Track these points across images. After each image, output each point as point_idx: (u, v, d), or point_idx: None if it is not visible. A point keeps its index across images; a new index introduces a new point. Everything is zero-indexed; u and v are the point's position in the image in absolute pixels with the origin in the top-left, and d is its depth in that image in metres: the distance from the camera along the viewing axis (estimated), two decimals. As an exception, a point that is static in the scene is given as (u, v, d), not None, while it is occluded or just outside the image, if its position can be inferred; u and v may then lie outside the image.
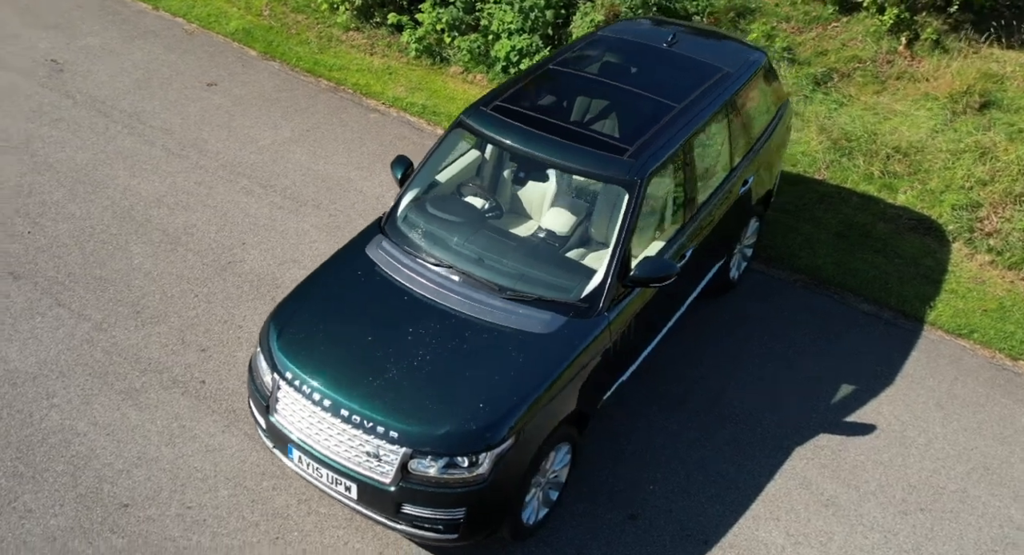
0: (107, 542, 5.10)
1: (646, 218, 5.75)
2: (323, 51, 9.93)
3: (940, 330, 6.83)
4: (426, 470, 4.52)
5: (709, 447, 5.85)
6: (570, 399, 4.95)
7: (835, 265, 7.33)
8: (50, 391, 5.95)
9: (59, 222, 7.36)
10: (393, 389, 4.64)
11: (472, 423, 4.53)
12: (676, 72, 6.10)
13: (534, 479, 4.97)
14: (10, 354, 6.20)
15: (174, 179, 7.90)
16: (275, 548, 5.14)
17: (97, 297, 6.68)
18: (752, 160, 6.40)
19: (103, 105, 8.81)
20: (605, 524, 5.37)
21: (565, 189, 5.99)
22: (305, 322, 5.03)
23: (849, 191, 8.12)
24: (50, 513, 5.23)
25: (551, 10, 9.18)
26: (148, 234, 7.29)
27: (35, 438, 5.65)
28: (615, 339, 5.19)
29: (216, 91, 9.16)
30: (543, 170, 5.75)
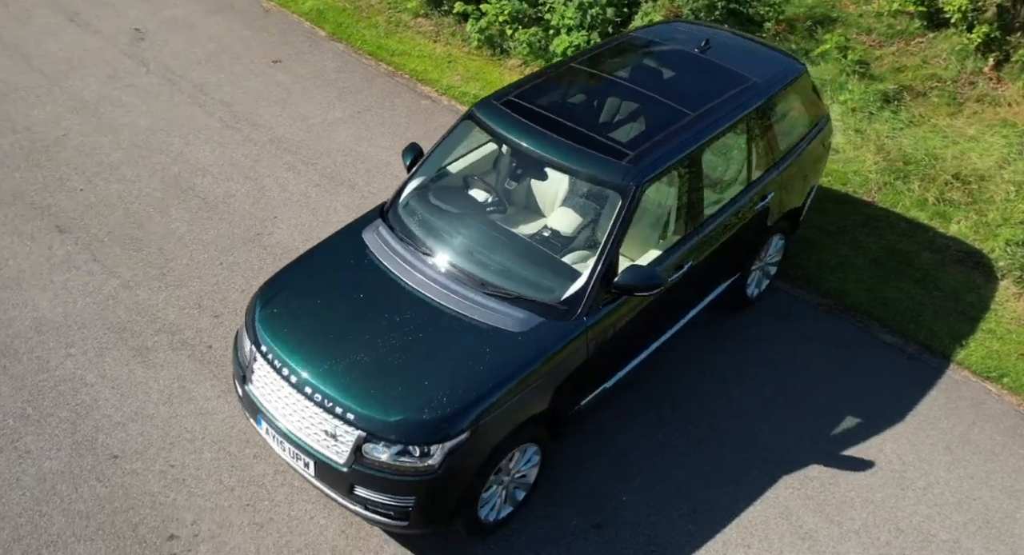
0: (91, 489, 5.36)
1: (643, 226, 5.65)
2: (389, 35, 10.09)
3: (967, 370, 6.47)
4: (378, 455, 4.58)
5: (692, 464, 5.72)
6: (538, 401, 4.92)
7: (866, 292, 7.02)
8: (69, 341, 6.28)
9: (111, 182, 7.73)
10: (357, 372, 4.72)
11: (427, 414, 4.56)
12: (700, 79, 5.95)
13: (495, 477, 4.97)
14: (41, 303, 6.56)
15: (223, 150, 8.18)
16: (244, 514, 5.30)
17: (130, 256, 7.00)
18: (776, 176, 6.19)
19: (172, 75, 9.19)
20: (569, 530, 5.32)
21: (575, 190, 5.93)
22: (288, 298, 5.15)
23: (898, 216, 7.76)
24: (46, 456, 5.53)
25: (612, 8, 9.07)
26: (188, 201, 7.58)
27: (47, 384, 5.98)
28: (595, 345, 5.12)
29: (280, 68, 9.43)
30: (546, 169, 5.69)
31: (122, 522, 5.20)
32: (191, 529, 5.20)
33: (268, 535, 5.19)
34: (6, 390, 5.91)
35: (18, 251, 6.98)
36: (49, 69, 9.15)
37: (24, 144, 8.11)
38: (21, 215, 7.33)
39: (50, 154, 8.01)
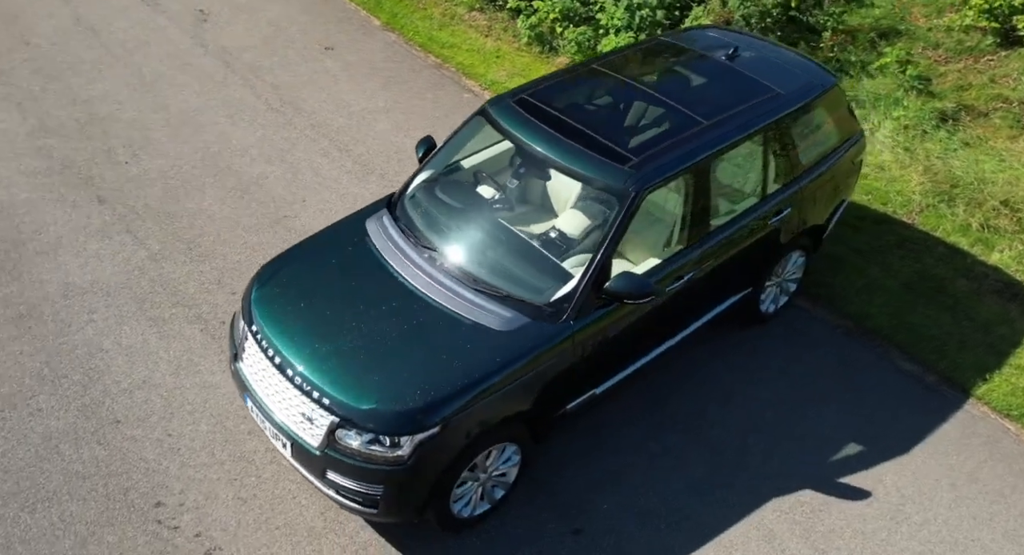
0: (91, 451, 5.58)
1: (648, 233, 5.58)
2: (442, 28, 10.16)
3: (987, 406, 6.20)
4: (350, 442, 4.64)
5: (680, 477, 5.63)
6: (518, 401, 4.91)
7: (890, 316, 6.78)
8: (92, 307, 6.53)
9: (154, 158, 8.00)
10: (338, 358, 4.78)
11: (400, 405, 4.60)
12: (720, 87, 5.84)
13: (470, 473, 4.98)
14: (72, 268, 6.84)
15: (264, 132, 8.38)
16: (230, 488, 5.44)
17: (161, 230, 7.24)
18: (795, 191, 6.03)
19: (229, 56, 9.44)
20: (547, 532, 5.30)
21: (586, 192, 5.89)
22: (283, 280, 5.26)
23: (937, 240, 7.47)
24: (54, 416, 5.77)
25: (663, 10, 8.94)
26: (224, 180, 7.79)
27: (66, 347, 6.23)
28: (583, 350, 5.09)
29: (331, 55, 9.60)
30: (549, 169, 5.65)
31: (115, 485, 5.39)
32: (178, 498, 5.36)
33: (250, 510, 5.32)
34: (28, 350, 6.18)
35: (59, 218, 7.28)
36: (115, 45, 9.51)
37: (80, 116, 8.45)
38: (67, 183, 7.64)
39: (103, 127, 8.33)
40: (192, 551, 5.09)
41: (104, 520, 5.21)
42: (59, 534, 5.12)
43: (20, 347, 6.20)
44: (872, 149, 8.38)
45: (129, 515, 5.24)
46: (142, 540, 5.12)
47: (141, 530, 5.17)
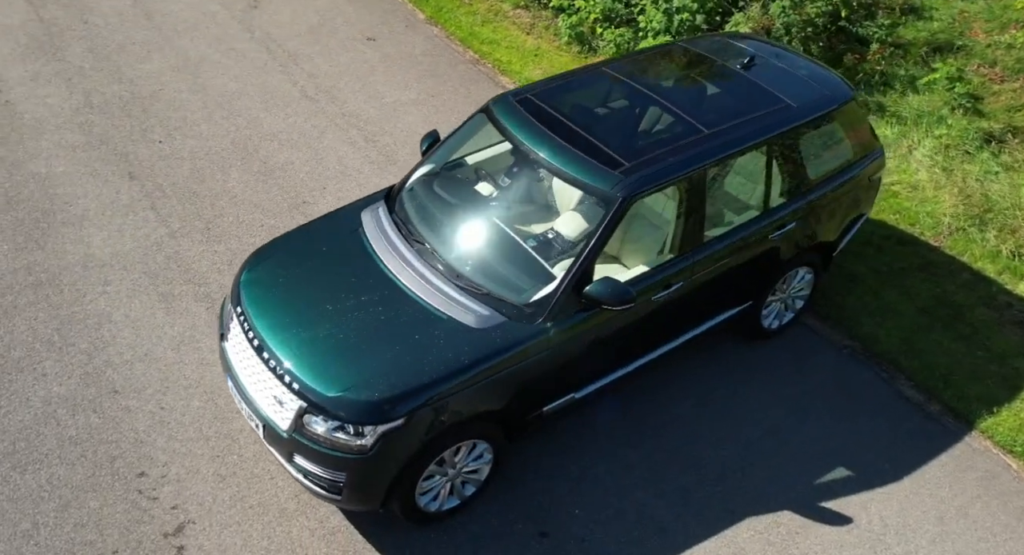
0: (86, 418, 5.78)
1: (642, 239, 5.53)
2: (485, 24, 10.20)
3: (990, 440, 5.97)
4: (316, 427, 4.72)
5: (656, 489, 5.57)
6: (489, 399, 4.92)
7: (900, 340, 6.58)
8: (108, 279, 6.76)
9: (187, 138, 8.23)
10: (313, 344, 4.86)
11: (366, 394, 4.65)
12: (729, 97, 5.74)
13: (438, 467, 5.01)
14: (95, 240, 7.09)
15: (295, 119, 8.54)
16: (212, 464, 5.58)
17: (184, 208, 7.45)
18: (802, 206, 5.89)
19: (272, 43, 9.64)
20: (513, 533, 5.31)
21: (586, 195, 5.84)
22: (274, 265, 5.36)
23: (962, 266, 7.21)
24: (56, 382, 5.99)
25: (703, 15, 8.81)
26: (250, 163, 7.97)
27: (78, 316, 6.47)
28: (560, 352, 5.07)
29: (372, 46, 9.72)
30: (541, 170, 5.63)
31: (103, 453, 5.58)
32: (161, 470, 5.52)
33: (228, 487, 5.45)
34: (42, 316, 6.43)
35: (89, 191, 7.55)
36: (166, 27, 9.79)
37: (124, 94, 8.73)
38: (102, 159, 7.92)
39: (144, 106, 8.60)
40: (166, 523, 5.24)
41: (88, 486, 5.39)
42: (44, 496, 5.32)
43: (36, 313, 6.45)
44: (907, 167, 8.14)
45: (113, 483, 5.42)
46: (121, 508, 5.29)
47: (122, 498, 5.34)
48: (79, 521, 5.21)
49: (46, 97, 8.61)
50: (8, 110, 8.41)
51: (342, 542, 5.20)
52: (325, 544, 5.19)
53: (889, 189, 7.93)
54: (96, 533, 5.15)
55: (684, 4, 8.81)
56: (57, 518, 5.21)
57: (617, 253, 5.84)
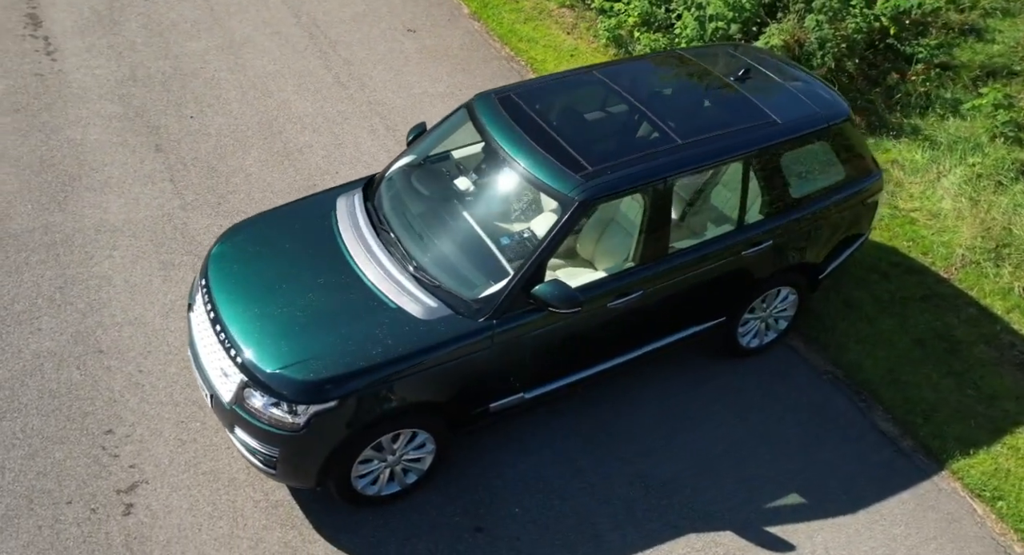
0: (68, 374, 6.08)
1: (609, 244, 5.50)
2: (527, 21, 10.23)
3: (959, 482, 5.73)
4: (254, 402, 4.86)
5: (602, 496, 5.54)
6: (429, 390, 4.98)
7: (885, 371, 6.36)
8: (116, 245, 7.08)
9: (217, 115, 8.52)
10: (261, 321, 5.01)
11: (302, 374, 4.77)
12: (713, 108, 5.65)
13: (376, 453, 5.10)
14: (112, 207, 7.43)
15: (323, 103, 8.75)
16: (175, 429, 5.80)
17: (200, 183, 7.73)
18: (781, 225, 5.75)
19: (316, 29, 9.89)
20: (448, 524, 5.36)
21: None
22: (245, 241, 5.54)
23: (969, 300, 6.92)
24: (49, 337, 6.32)
25: (737, 25, 8.66)
26: (272, 144, 8.21)
27: (81, 277, 6.79)
28: (504, 350, 5.09)
29: (411, 37, 9.87)
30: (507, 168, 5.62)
31: (77, 408, 5.86)
32: (127, 430, 5.77)
33: (185, 453, 5.66)
34: (49, 274, 6.78)
35: (116, 159, 7.91)
36: (218, 8, 10.14)
37: (167, 70, 9.09)
38: (134, 130, 8.27)
39: (183, 82, 8.94)
40: (121, 480, 5.48)
41: (58, 438, 5.68)
42: (16, 443, 5.62)
43: (44, 271, 6.81)
44: (932, 195, 7.84)
45: (80, 437, 5.69)
46: (83, 462, 5.55)
47: (86, 453, 5.61)
48: (42, 470, 5.49)
49: (95, 68, 9.03)
50: (59, 78, 8.86)
51: (281, 516, 5.35)
52: (265, 516, 5.35)
53: (907, 216, 7.66)
54: (55, 483, 5.43)
55: (719, 12, 8.67)
56: (23, 465, 5.50)
57: (591, 257, 5.82)
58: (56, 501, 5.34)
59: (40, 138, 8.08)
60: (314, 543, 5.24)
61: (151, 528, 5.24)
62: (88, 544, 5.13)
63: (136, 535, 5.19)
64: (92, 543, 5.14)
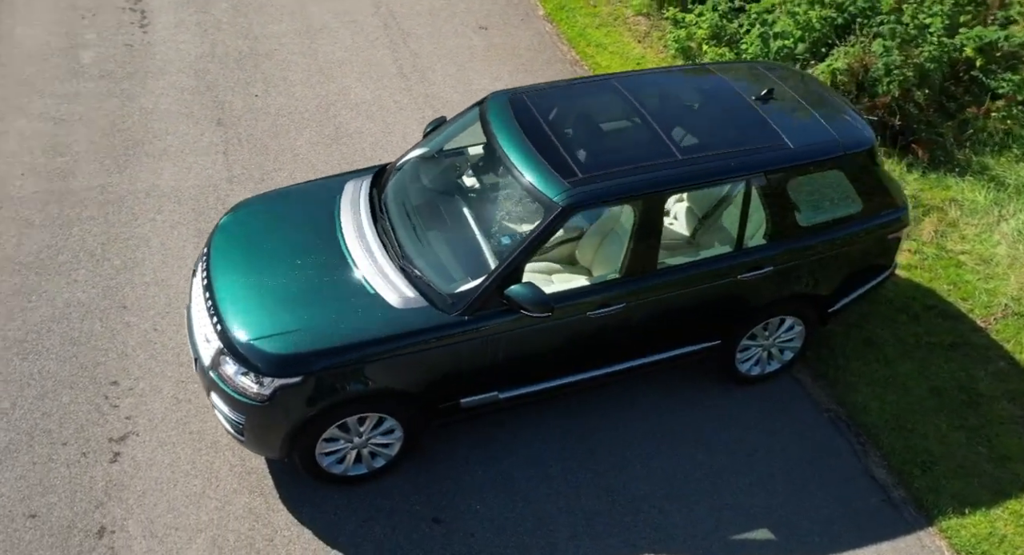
0: (91, 325, 6.46)
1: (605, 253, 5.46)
2: (600, 27, 10.20)
3: (946, 542, 5.42)
4: (227, 369, 5.06)
5: (565, 505, 5.50)
6: (396, 378, 5.07)
7: (891, 416, 6.07)
8: (161, 209, 7.46)
9: (280, 96, 8.86)
10: (247, 292, 5.20)
11: (272, 347, 4.93)
12: (725, 127, 5.52)
13: (343, 433, 5.23)
14: (165, 173, 7.83)
15: (382, 92, 8.97)
16: (175, 388, 6.08)
17: (250, 159, 8.05)
18: (784, 252, 5.57)
19: (392, 19, 10.14)
20: (408, 512, 5.44)
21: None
22: (253, 214, 5.76)
23: (1003, 354, 6.52)
24: (82, 289, 6.72)
25: (804, 44, 8.40)
26: (324, 127, 8.48)
27: (123, 235, 7.20)
28: (476, 348, 5.13)
29: (482, 34, 9.99)
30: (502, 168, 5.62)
31: (91, 358, 6.22)
32: (131, 383, 6.09)
33: (178, 411, 5.93)
34: (96, 231, 7.22)
35: (178, 130, 8.33)
36: (307, -7, 10.52)
37: (244, 49, 9.50)
38: (202, 103, 8.69)
39: (256, 61, 9.33)
40: (115, 429, 5.79)
41: (68, 383, 6.04)
42: (31, 383, 6.02)
43: (92, 227, 7.25)
44: (988, 238, 7.42)
45: (87, 385, 6.04)
46: (85, 408, 5.90)
47: (89, 400, 5.95)
48: (48, 411, 5.86)
49: (180, 43, 9.53)
50: (145, 50, 9.39)
51: (252, 482, 5.54)
52: (237, 480, 5.55)
53: (954, 258, 7.27)
54: (57, 424, 5.78)
55: (786, 30, 8.43)
56: (32, 404, 5.89)
57: (590, 264, 5.79)
58: (53, 441, 5.69)
59: (116, 104, 8.59)
60: (277, 512, 5.41)
61: (131, 478, 5.52)
62: (72, 485, 5.45)
63: (116, 482, 5.48)
64: (76, 485, 5.45)
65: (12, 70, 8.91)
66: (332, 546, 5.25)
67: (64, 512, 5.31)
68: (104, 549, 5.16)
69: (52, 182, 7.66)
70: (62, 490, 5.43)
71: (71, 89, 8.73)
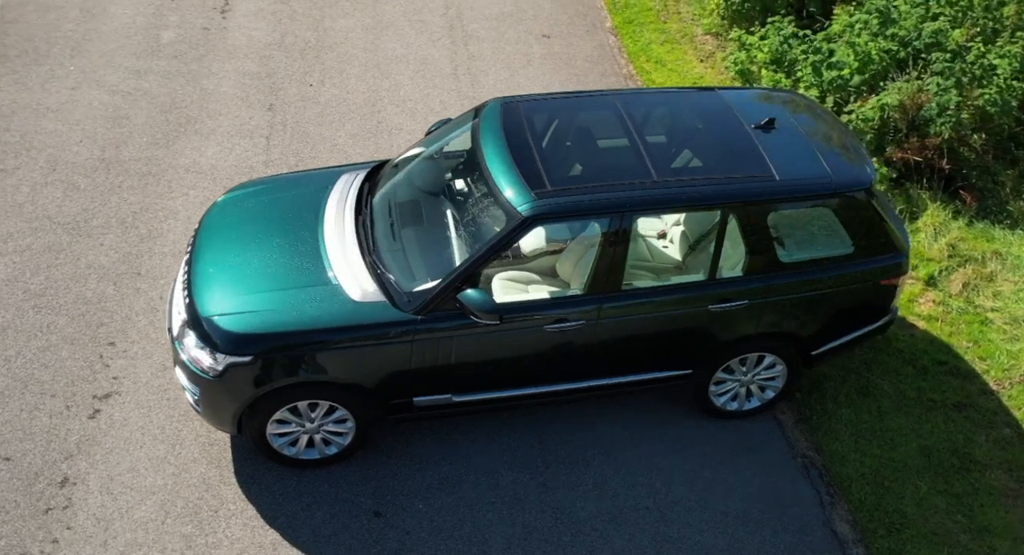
0: (104, 287, 6.81)
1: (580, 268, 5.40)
2: (665, 43, 10.06)
3: (897, 609, 5.11)
4: (188, 340, 5.26)
5: (507, 517, 5.48)
6: (346, 369, 5.16)
7: (870, 470, 5.77)
8: (195, 185, 7.81)
9: (333, 87, 9.13)
10: (221, 271, 5.39)
11: (228, 325, 5.10)
12: (713, 152, 5.38)
13: (295, 416, 5.36)
14: (208, 152, 8.19)
15: (431, 92, 9.12)
16: (164, 356, 6.34)
17: (289, 146, 8.33)
18: (761, 287, 5.37)
19: (458, 21, 10.28)
20: (352, 501, 5.52)
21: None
22: (246, 196, 5.97)
23: (1010, 421, 6.10)
24: (105, 253, 7.09)
25: (860, 76, 8.06)
26: (367, 121, 8.69)
27: (155, 207, 7.57)
28: (429, 348, 5.16)
29: (542, 42, 10.02)
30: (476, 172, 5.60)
31: (97, 319, 6.57)
32: (127, 346, 6.40)
33: (162, 378, 6.19)
34: (132, 200, 7.62)
35: (231, 112, 8.70)
36: (383, -10, 10.80)
37: (311, 40, 9.84)
38: (258, 88, 9.05)
39: (318, 53, 9.64)
40: (101, 387, 6.11)
41: (70, 339, 6.41)
42: (38, 335, 6.41)
43: (129, 196, 7.66)
44: (1024, 297, 6.95)
45: (87, 343, 6.39)
46: (80, 364, 6.24)
47: (85, 357, 6.29)
48: (46, 362, 6.23)
49: (253, 30, 9.94)
50: (220, 34, 9.84)
51: (212, 454, 5.74)
52: (198, 450, 5.77)
53: (982, 315, 6.84)
54: (51, 375, 6.14)
55: (843, 60, 8.11)
56: (34, 355, 6.27)
57: (568, 278, 5.74)
58: (44, 392, 6.04)
59: (180, 83, 9.03)
60: (228, 485, 5.59)
61: (104, 434, 5.81)
62: (49, 435, 5.78)
63: (89, 438, 5.78)
64: (52, 435, 5.78)
65: (97, 44, 9.49)
66: (271, 525, 5.39)
67: (35, 459, 5.64)
68: (62, 498, 5.45)
69: (105, 151, 8.12)
70: (39, 438, 5.76)
71: (144, 65, 9.23)
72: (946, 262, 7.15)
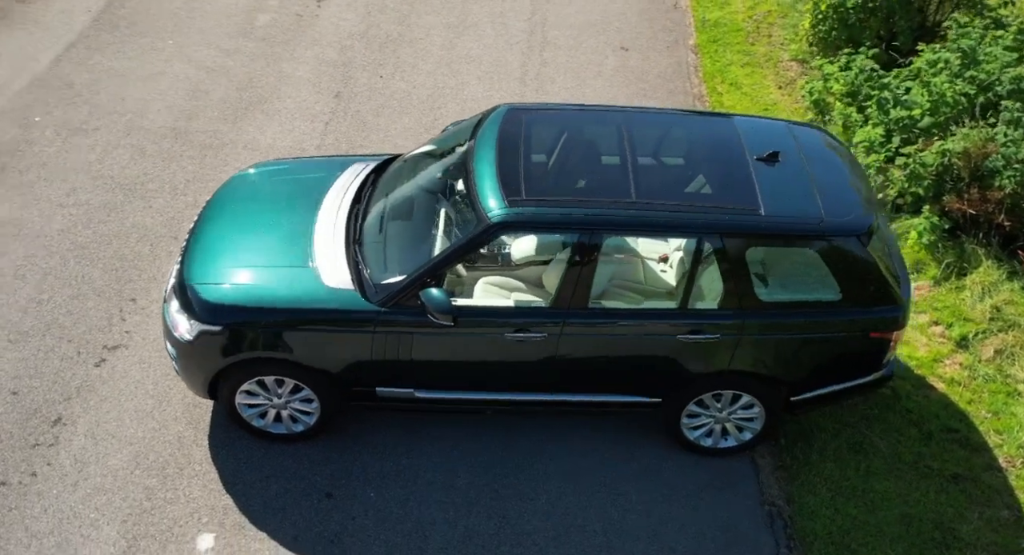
0: (141, 247, 7.22)
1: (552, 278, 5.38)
2: (745, 65, 9.80)
3: None
4: (172, 303, 5.54)
5: (452, 519, 5.50)
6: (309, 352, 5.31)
7: (839, 530, 5.46)
8: (248, 161, 8.13)
9: (402, 81, 9.36)
10: (216, 242, 5.64)
11: (206, 294, 5.33)
12: (704, 179, 5.24)
13: (263, 390, 5.55)
14: (269, 131, 8.56)
15: (492, 93, 9.21)
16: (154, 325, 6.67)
17: (344, 131, 8.60)
18: (735, 324, 5.17)
19: (540, 27, 10.33)
20: (307, 479, 5.67)
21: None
22: (261, 175, 6.23)
23: (1012, 503, 5.65)
24: (151, 216, 7.52)
25: (931, 118, 7.62)
26: (424, 116, 8.87)
27: (207, 177, 7.97)
28: (387, 340, 5.25)
29: (619, 55, 9.94)
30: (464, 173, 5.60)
31: (126, 275, 6.96)
32: (146, 303, 6.75)
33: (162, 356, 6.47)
34: (189, 168, 8.04)
35: (300, 95, 9.06)
36: (473, -8, 10.97)
37: (393, 34, 10.11)
38: (331, 76, 9.38)
39: (397, 46, 9.90)
40: (112, 339, 6.49)
41: (99, 292, 6.81)
42: (71, 284, 6.85)
43: (187, 165, 8.09)
44: (1065, 372, 6.40)
45: (112, 296, 6.79)
46: (101, 315, 6.62)
47: (107, 309, 6.69)
48: (71, 310, 6.69)
49: (342, 19, 10.32)
50: (310, 22, 10.26)
51: (193, 415, 6.02)
52: (181, 410, 6.05)
53: (1012, 386, 6.35)
54: (72, 322, 6.59)
55: (915, 99, 7.69)
56: (63, 302, 6.73)
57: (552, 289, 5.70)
58: (61, 336, 6.49)
59: (261, 65, 9.48)
60: (199, 447, 5.85)
61: (103, 383, 6.19)
62: (55, 377, 6.20)
63: (88, 385, 6.17)
64: (58, 377, 6.20)
65: (197, 22, 10.06)
66: (227, 491, 5.61)
67: (38, 397, 6.06)
68: (51, 436, 5.84)
69: (177, 121, 8.62)
70: (47, 378, 6.19)
71: (233, 46, 9.72)
72: (986, 324, 6.66)
